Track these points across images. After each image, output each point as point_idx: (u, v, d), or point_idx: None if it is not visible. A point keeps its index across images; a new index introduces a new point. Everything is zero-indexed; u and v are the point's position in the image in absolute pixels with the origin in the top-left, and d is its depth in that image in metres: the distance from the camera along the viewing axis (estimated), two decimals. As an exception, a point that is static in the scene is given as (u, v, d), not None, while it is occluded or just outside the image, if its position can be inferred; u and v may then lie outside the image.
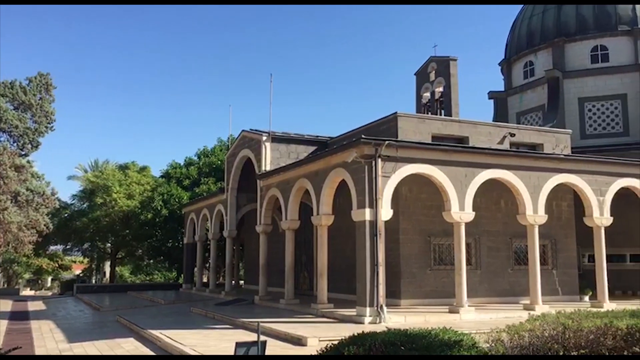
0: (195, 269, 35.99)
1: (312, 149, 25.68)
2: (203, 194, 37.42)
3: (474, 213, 18.73)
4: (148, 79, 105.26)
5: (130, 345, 14.93)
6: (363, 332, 7.66)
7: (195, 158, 45.71)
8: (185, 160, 45.66)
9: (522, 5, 37.59)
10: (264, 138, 24.84)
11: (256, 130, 25.84)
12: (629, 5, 32.24)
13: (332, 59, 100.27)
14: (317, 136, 26.69)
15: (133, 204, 42.96)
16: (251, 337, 12.24)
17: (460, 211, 18.40)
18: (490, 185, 19.99)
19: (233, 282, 32.48)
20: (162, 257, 47.39)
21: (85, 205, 46.92)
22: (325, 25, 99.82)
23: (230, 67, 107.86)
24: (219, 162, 41.85)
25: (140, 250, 49.07)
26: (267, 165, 24.58)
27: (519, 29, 36.23)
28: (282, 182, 22.67)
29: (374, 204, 16.93)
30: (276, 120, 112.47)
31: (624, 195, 21.70)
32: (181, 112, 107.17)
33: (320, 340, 12.92)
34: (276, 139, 25.11)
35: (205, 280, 38.63)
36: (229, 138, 38.23)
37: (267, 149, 24.75)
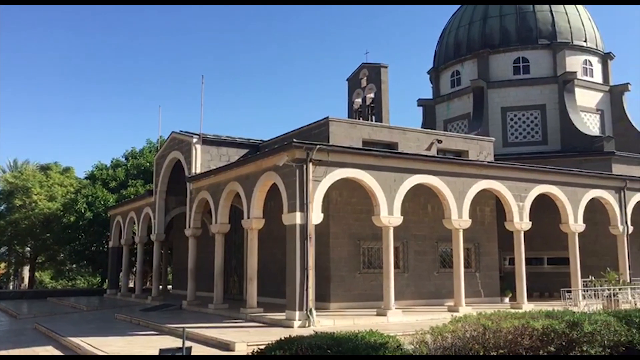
0: (121, 274, 34.86)
1: (243, 152, 25.50)
2: (130, 197, 36.36)
3: (402, 217, 19.15)
4: (73, 77, 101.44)
5: (48, 354, 14.26)
6: (290, 336, 7.66)
7: (123, 159, 44.37)
8: (112, 162, 44.24)
9: (449, 17, 38.90)
10: (195, 140, 24.44)
11: (186, 132, 25.39)
12: (549, 20, 33.98)
13: (266, 62, 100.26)
14: (249, 139, 26.53)
15: (55, 207, 41.19)
16: (178, 343, 11.98)
17: (389, 215, 18.76)
18: (418, 190, 20.50)
19: (160, 287, 31.70)
20: (85, 262, 45.61)
21: (2, 208, 44.54)
22: (259, 29, 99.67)
23: (160, 68, 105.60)
24: (148, 164, 40.81)
25: (62, 255, 47.01)
26: (197, 167, 24.19)
27: (446, 39, 37.44)
28: (213, 185, 22.37)
29: (304, 208, 16.99)
30: (208, 123, 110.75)
31: (542, 201, 22.79)
32: (109, 112, 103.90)
33: (248, 345, 12.81)
34: (207, 141, 24.76)
35: (131, 285, 37.50)
36: (158, 140, 37.36)
37: (198, 152, 24.36)
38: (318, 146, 17.35)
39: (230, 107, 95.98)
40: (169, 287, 37.45)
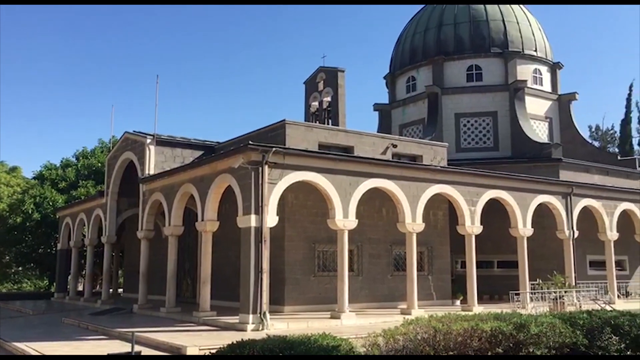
0: (70, 277, 33.88)
1: (198, 153, 25.19)
2: (81, 198, 35.40)
3: (357, 221, 19.28)
4: (20, 75, 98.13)
5: (-10, 361, 13.75)
6: (243, 339, 7.60)
7: (74, 159, 43.16)
8: (62, 162, 42.96)
9: (406, 23, 39.47)
10: (149, 141, 24.01)
11: (140, 132, 24.91)
12: (502, 29, 34.88)
13: (224, 65, 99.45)
14: (205, 141, 26.22)
15: (0, 207, 39.72)
16: (127, 347, 11.74)
17: (344, 219, 18.86)
18: (373, 194, 20.69)
19: (111, 290, 30.96)
20: (32, 265, 44.08)
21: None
22: (216, 30, 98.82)
23: (114, 67, 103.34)
24: (100, 164, 39.83)
25: (7, 257, 45.29)
26: (150, 169, 23.75)
27: (403, 45, 37.97)
28: (167, 187, 22.02)
29: (259, 211, 16.92)
30: (163, 125, 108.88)
31: (493, 205, 23.34)
32: (59, 110, 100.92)
33: (200, 349, 12.66)
34: (161, 142, 24.35)
35: (80, 288, 36.48)
36: (110, 140, 36.53)
37: (152, 152, 23.93)
38: (274, 149, 17.32)
39: (186, 109, 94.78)
40: (120, 290, 36.62)
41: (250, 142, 17.44)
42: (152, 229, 23.70)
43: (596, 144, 48.73)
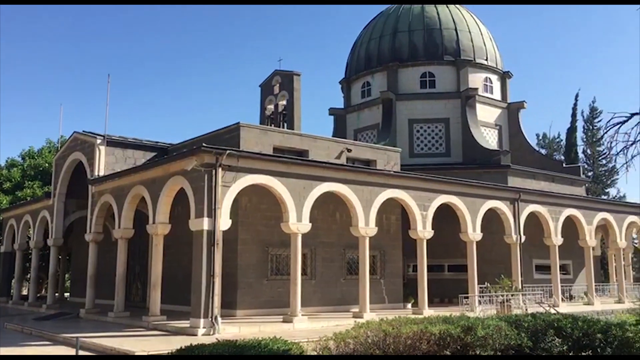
0: (13, 281, 32.69)
1: (151, 155, 24.74)
2: (26, 199, 34.23)
3: (311, 224, 19.32)
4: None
5: None
6: (192, 344, 7.51)
7: (19, 159, 41.72)
8: (6, 162, 41.45)
9: (362, 29, 39.87)
10: (99, 141, 23.44)
11: (90, 133, 24.29)
12: (454, 38, 35.65)
13: (180, 66, 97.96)
14: (157, 142, 25.78)
15: (-60, 208, 37.97)
16: (73, 353, 11.42)
17: (298, 222, 18.87)
18: (328, 198, 20.79)
19: (57, 294, 30.02)
20: (-27, 268, 42.31)
21: None
22: (173, 31, 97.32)
23: (64, 66, 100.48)
24: (47, 164, 38.61)
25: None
26: (100, 170, 23.18)
27: (358, 51, 38.34)
28: (117, 189, 21.55)
29: (212, 214, 16.76)
30: (116, 126, 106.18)
31: (444, 210, 23.79)
32: (4, 109, 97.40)
33: (148, 354, 12.42)
34: (112, 142, 23.81)
35: (24, 293, 35.25)
36: (59, 140, 35.50)
37: (102, 153, 23.36)
38: (228, 151, 17.19)
39: (140, 110, 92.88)
40: (66, 294, 35.56)
41: (204, 144, 17.26)
42: (101, 231, 23.15)
43: (543, 151, 50.34)
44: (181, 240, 20.79)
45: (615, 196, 48.02)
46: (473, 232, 24.04)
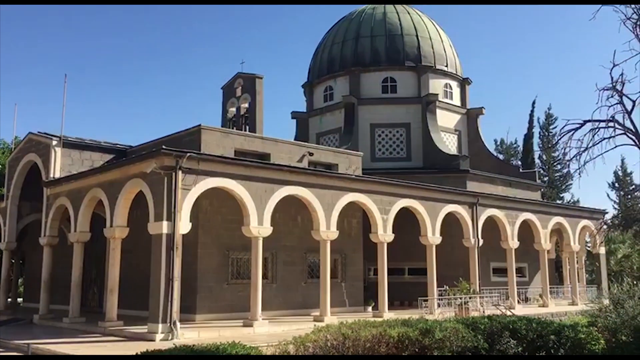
0: (-37, 286, 31.51)
1: (109, 157, 24.28)
2: (-23, 201, 33.08)
3: (272, 228, 19.26)
4: None
5: None
6: (148, 350, 7.39)
7: (-30, 160, 40.28)
8: (-44, 162, 39.99)
9: (324, 33, 40.05)
10: (55, 142, 22.86)
11: (45, 134, 23.66)
12: (415, 44, 36.15)
13: (140, 67, 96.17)
14: (116, 144, 25.32)
15: None
16: (24, 361, 11.10)
17: (259, 226, 18.79)
18: (289, 202, 20.76)
19: (9, 300, 29.11)
20: None
21: None
22: (133, 32, 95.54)
23: (19, 63, 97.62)
24: (0, 166, 37.44)
25: None
26: (56, 172, 22.61)
27: (321, 55, 38.48)
28: (73, 191, 21.05)
29: (172, 217, 16.54)
30: (72, 126, 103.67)
31: (404, 214, 24.04)
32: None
33: (105, 361, 12.17)
34: (68, 144, 23.26)
35: (-25, 298, 33.98)
36: (13, 140, 34.45)
37: (58, 155, 22.79)
38: (188, 154, 17.00)
39: (99, 111, 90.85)
40: (20, 300, 34.50)
41: (163, 146, 17.03)
42: (56, 235, 22.57)
43: (501, 156, 51.35)
44: (140, 244, 20.42)
45: (570, 201, 49.39)
46: (433, 236, 24.37)
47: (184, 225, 16.87)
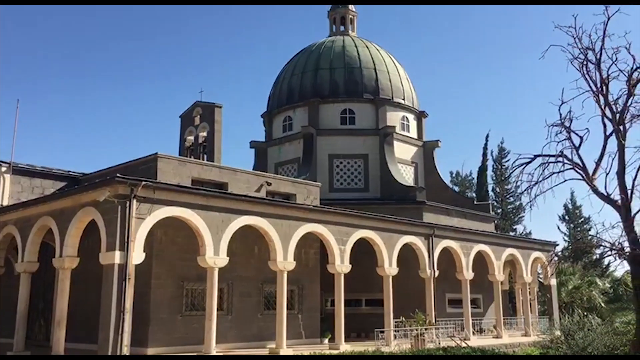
0: None
1: (61, 184, 23.71)
2: None
3: (228, 258, 19.01)
4: None
5: None
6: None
7: None
8: None
9: (284, 64, 40.45)
10: (4, 169, 22.20)
11: (-6, 160, 22.93)
12: (374, 77, 36.84)
13: (96, 94, 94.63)
14: (69, 171, 24.73)
15: None
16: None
17: (215, 256, 18.52)
18: (246, 232, 20.57)
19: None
20: None
21: None
22: (89, 58, 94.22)
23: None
24: (-56, 191, 35.96)
25: None
26: (4, 199, 21.94)
27: (280, 86, 38.79)
28: (22, 220, 20.38)
29: (125, 247, 16.15)
30: (23, 152, 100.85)
31: (362, 245, 24.12)
32: None
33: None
34: (18, 171, 22.60)
35: None
36: (-41, 165, 33.19)
37: (6, 182, 22.14)
38: (144, 182, 16.74)
39: (53, 138, 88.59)
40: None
41: (118, 174, 16.73)
42: (2, 265, 21.74)
43: (456, 188, 52.38)
44: (90, 274, 19.77)
45: (522, 233, 50.54)
46: (389, 267, 24.48)
47: (137, 255, 16.50)
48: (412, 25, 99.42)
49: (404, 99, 37.80)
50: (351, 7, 41.95)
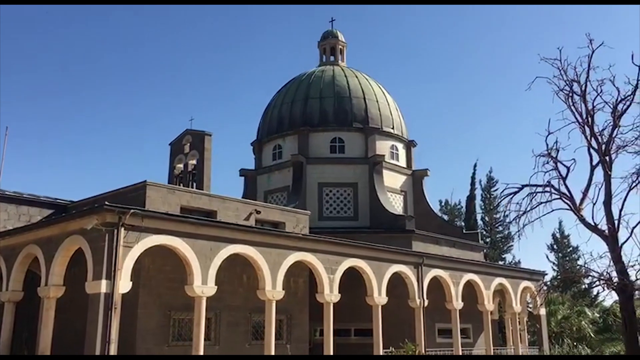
0: None
1: (48, 212, 23.47)
2: None
3: (216, 287, 18.85)
4: None
5: None
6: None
7: None
8: None
9: (274, 93, 40.76)
10: (-10, 196, 21.97)
11: (-20, 187, 22.75)
12: (363, 106, 37.16)
13: (85, 120, 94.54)
14: (57, 199, 24.52)
15: None
16: None
17: (203, 285, 18.36)
18: (235, 260, 20.45)
19: None
20: None
21: None
22: (79, 83, 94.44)
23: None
24: None
25: None
26: (-10, 227, 21.63)
27: (270, 114, 39.00)
28: (7, 248, 20.14)
29: (111, 276, 15.99)
30: (11, 180, 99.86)
31: (351, 274, 24.01)
32: None
33: None
34: (4, 198, 22.39)
35: None
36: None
37: (-7, 209, 21.87)
38: (132, 210, 16.65)
39: (41, 166, 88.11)
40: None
41: (106, 202, 16.62)
42: (-15, 293, 21.33)
43: (445, 217, 52.43)
44: (76, 303, 19.50)
45: (511, 262, 50.57)
46: (379, 296, 24.36)
47: (124, 284, 16.32)
48: (401, 56, 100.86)
49: (393, 128, 38.09)
50: (341, 37, 42.54)
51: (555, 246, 55.29)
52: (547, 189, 14.94)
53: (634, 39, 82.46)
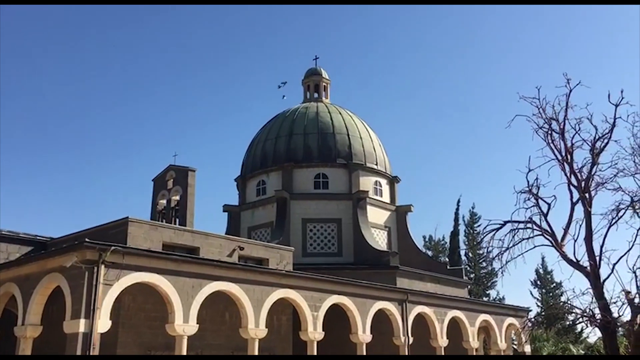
0: None
1: (27, 249, 23.01)
2: None
3: (198, 325, 18.52)
4: None
5: None
6: None
7: None
8: None
9: (258, 130, 40.96)
10: (-32, 232, 21.56)
11: (-42, 223, 22.34)
12: (347, 142, 37.42)
13: (66, 156, 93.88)
14: (36, 236, 24.09)
15: None
16: None
17: (185, 324, 18.04)
18: (217, 297, 20.17)
19: None
20: None
21: None
22: (60, 119, 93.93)
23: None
24: None
25: None
26: (-34, 264, 21.14)
27: (254, 150, 39.10)
28: (-17, 286, 19.63)
29: (90, 315, 15.65)
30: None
31: (335, 311, 23.76)
32: None
33: None
34: (-17, 235, 21.98)
35: None
36: None
37: (-30, 246, 21.44)
38: (113, 247, 16.43)
39: (22, 203, 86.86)
40: None
41: (86, 239, 16.40)
42: (-41, 333, 20.73)
43: (429, 253, 52.46)
44: (53, 343, 18.98)
45: (495, 298, 50.50)
46: (363, 334, 24.09)
47: (103, 323, 15.98)
48: (385, 94, 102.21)
49: (376, 164, 38.33)
50: (324, 75, 43.07)
51: (538, 282, 55.39)
52: (529, 225, 15.07)
53: (610, 77, 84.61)
